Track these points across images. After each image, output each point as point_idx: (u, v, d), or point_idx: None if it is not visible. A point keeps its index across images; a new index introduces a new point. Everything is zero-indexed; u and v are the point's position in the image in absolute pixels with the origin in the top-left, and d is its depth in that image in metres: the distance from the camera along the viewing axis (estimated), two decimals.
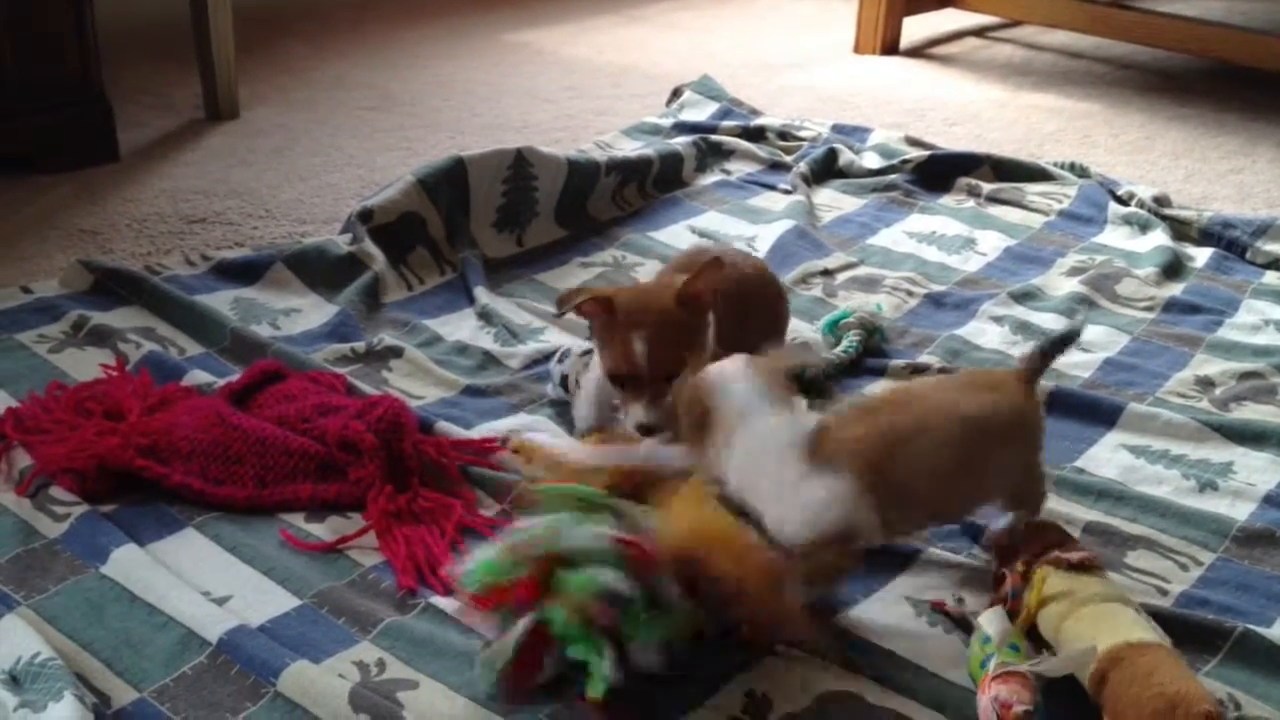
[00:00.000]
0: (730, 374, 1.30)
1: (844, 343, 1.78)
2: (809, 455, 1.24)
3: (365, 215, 2.00)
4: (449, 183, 2.05)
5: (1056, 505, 1.49)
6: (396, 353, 1.75)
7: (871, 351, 1.80)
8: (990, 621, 1.21)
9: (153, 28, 3.07)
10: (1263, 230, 2.18)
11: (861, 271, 2.07)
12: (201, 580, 1.31)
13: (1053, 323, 1.90)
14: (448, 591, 1.29)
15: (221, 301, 1.86)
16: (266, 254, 1.97)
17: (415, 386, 1.69)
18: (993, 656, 1.17)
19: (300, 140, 2.56)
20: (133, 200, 2.22)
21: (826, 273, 2.06)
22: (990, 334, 1.88)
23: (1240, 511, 1.50)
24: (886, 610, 1.32)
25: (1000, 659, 1.16)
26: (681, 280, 1.45)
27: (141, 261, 1.98)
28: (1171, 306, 1.98)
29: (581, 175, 2.20)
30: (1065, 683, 1.16)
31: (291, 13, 3.41)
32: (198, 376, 1.64)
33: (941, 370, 1.75)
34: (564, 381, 1.65)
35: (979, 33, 3.49)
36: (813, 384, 1.69)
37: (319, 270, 1.94)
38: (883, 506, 1.24)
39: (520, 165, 2.11)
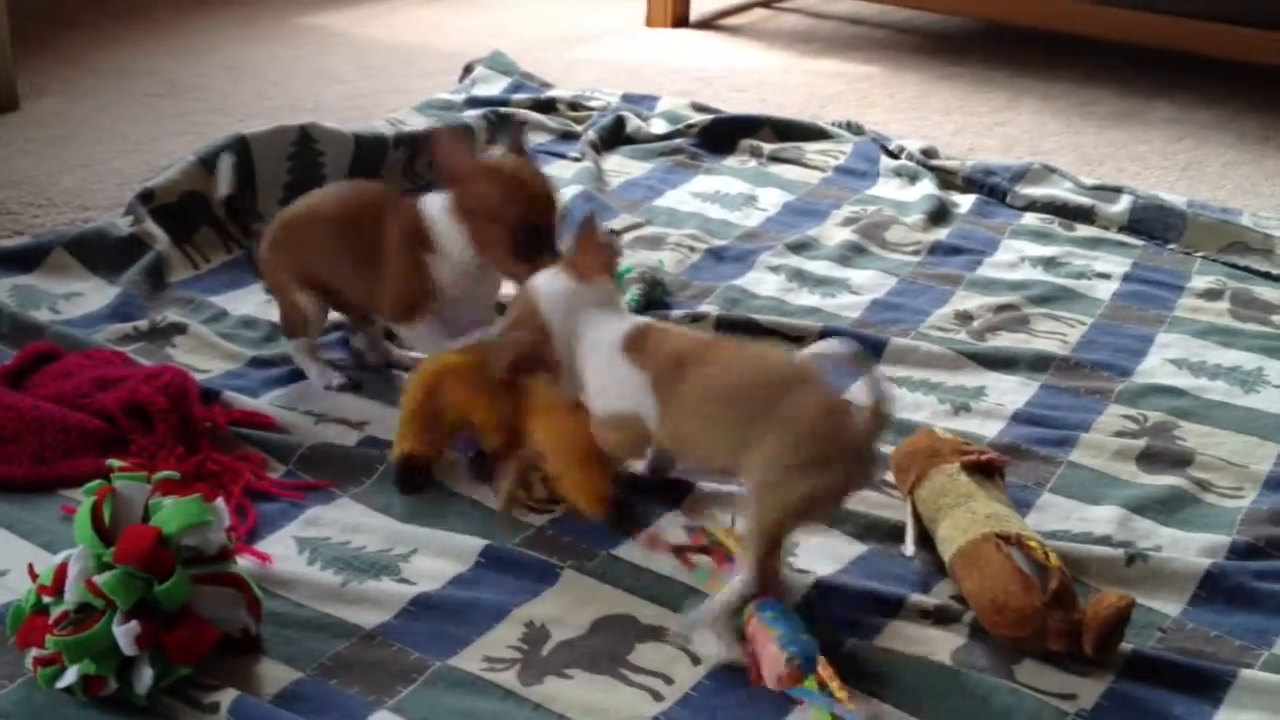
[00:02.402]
0: (554, 295, 1.39)
1: (627, 296, 1.84)
2: (624, 344, 1.35)
3: (146, 196, 1.99)
4: (232, 160, 2.04)
5: None
6: (180, 329, 1.75)
7: (654, 304, 1.86)
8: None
9: None
10: (1020, 175, 2.32)
11: (647, 231, 2.13)
12: None
13: (825, 270, 2.00)
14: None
15: None
16: (46, 240, 1.95)
17: (200, 361, 1.70)
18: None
19: (82, 129, 2.51)
20: None
21: (613, 233, 2.12)
22: (768, 283, 1.97)
23: (990, 429, 1.61)
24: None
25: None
26: None
27: None
28: (936, 249, 2.09)
29: (369, 150, 2.21)
30: None
31: (73, 3, 3.33)
32: None
33: (721, 323, 1.80)
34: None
35: (766, 4, 3.60)
36: None
37: (100, 253, 1.92)
38: (662, 412, 1.32)
39: (305, 141, 2.12)
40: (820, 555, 1.36)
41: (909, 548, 1.37)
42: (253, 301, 1.86)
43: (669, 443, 1.38)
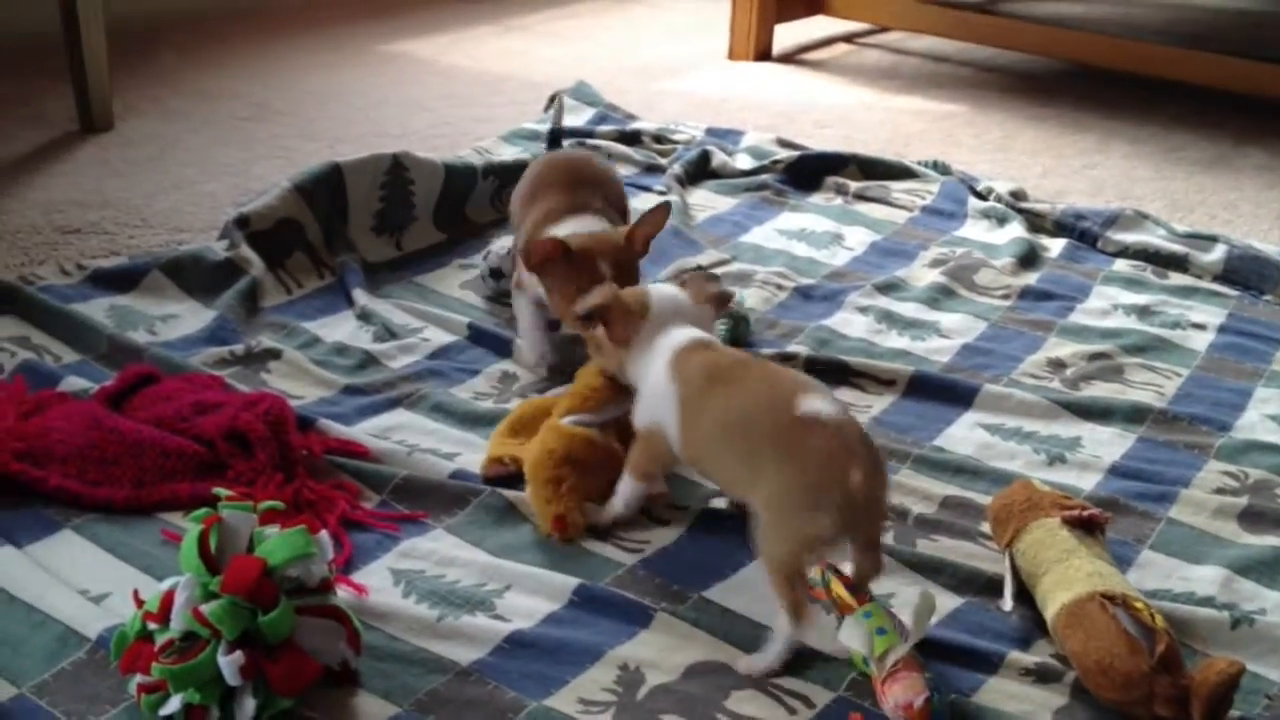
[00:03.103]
0: (664, 292, 1.48)
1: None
2: (673, 355, 1.39)
3: (242, 221, 2.02)
4: (325, 188, 2.07)
5: (916, 482, 1.56)
6: (275, 354, 1.77)
7: (738, 341, 1.86)
8: (851, 636, 1.23)
9: (23, 39, 3.04)
10: (1112, 221, 2.29)
11: (734, 268, 2.13)
12: (80, 579, 1.33)
13: (914, 312, 1.99)
14: None
15: (97, 309, 1.86)
16: (142, 261, 1.98)
17: (294, 387, 1.71)
18: (870, 662, 1.22)
19: (175, 150, 2.55)
20: (5, 213, 2.21)
21: (699, 269, 2.11)
22: (856, 324, 1.96)
23: (1087, 482, 1.58)
24: (754, 585, 1.38)
25: (878, 651, 1.21)
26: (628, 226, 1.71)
27: (15, 273, 1.97)
28: (1026, 294, 2.07)
29: (459, 179, 2.23)
30: None
31: (166, 24, 3.39)
32: (73, 383, 1.64)
33: (811, 364, 1.80)
34: (494, 274, 1.94)
35: (848, 39, 3.59)
36: None
37: (196, 276, 1.94)
38: (682, 430, 1.35)
39: (397, 170, 2.14)
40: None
41: (1007, 603, 1.35)
42: (345, 328, 1.88)
43: (690, 464, 1.39)
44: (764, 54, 3.39)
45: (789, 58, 3.42)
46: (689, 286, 1.49)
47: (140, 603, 1.19)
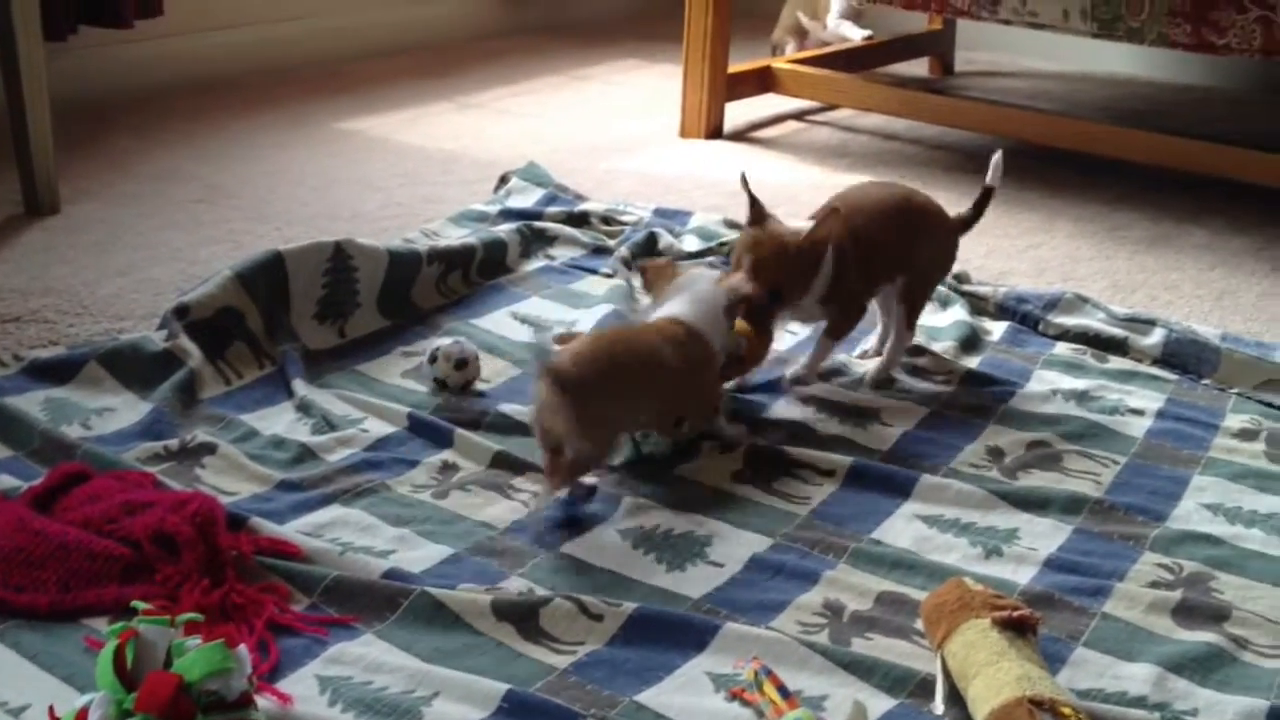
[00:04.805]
0: (703, 275, 1.89)
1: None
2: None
3: (181, 311, 2.01)
4: (267, 276, 2.06)
5: (852, 578, 1.56)
6: (210, 449, 1.76)
7: None
8: None
9: None
10: (1054, 304, 2.31)
11: None
12: (0, 690, 1.30)
13: (856, 398, 2.00)
14: None
15: (32, 403, 1.85)
16: (80, 352, 1.96)
17: (228, 483, 1.70)
18: None
19: (123, 235, 2.55)
20: None
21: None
22: (797, 411, 1.96)
23: (1023, 576, 1.58)
24: (688, 689, 1.37)
25: None
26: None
27: None
28: (968, 379, 2.08)
29: (403, 265, 2.23)
30: None
31: (119, 105, 3.39)
32: (3, 481, 1.62)
33: (750, 453, 1.81)
34: (438, 383, 1.97)
35: (799, 116, 3.63)
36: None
37: (133, 368, 1.93)
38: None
39: (340, 257, 2.14)
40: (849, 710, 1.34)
41: (939, 706, 1.34)
42: (284, 420, 1.87)
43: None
44: (715, 132, 3.42)
45: (740, 135, 3.46)
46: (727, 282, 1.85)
47: (55, 719, 1.17)
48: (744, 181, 1.96)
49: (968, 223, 2.13)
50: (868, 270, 2.00)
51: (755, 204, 1.94)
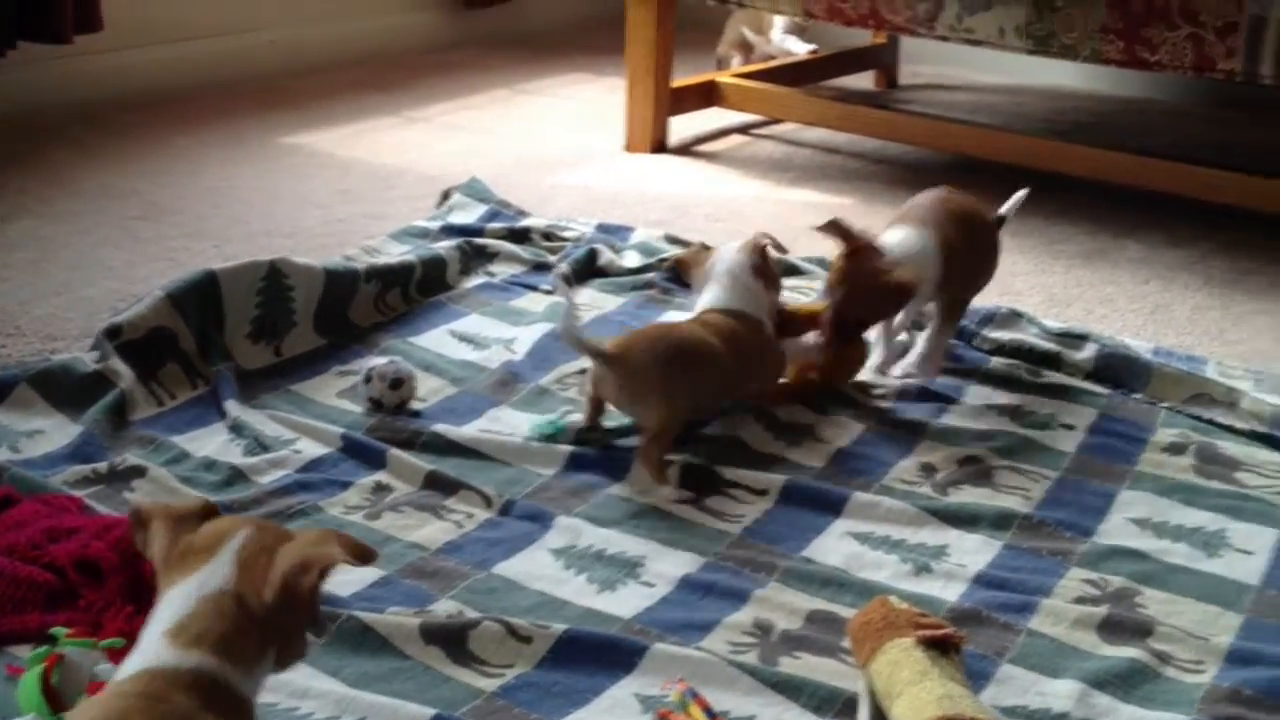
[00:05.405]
0: (727, 248, 2.01)
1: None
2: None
3: (113, 332, 2.00)
4: (199, 296, 2.05)
5: (783, 596, 1.57)
6: (140, 472, 1.75)
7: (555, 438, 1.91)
8: None
9: None
10: (989, 319, 2.33)
11: None
12: None
13: (791, 415, 2.00)
14: None
15: None
16: (10, 374, 1.94)
17: None
18: None
19: (60, 253, 2.53)
20: None
21: (583, 372, 2.12)
22: (735, 426, 1.97)
23: (951, 593, 1.60)
24: (615, 711, 1.37)
25: None
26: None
27: None
28: (903, 395, 2.10)
29: (340, 284, 2.22)
30: None
31: (58, 121, 3.36)
32: None
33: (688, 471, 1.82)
34: (374, 403, 1.97)
35: (743, 130, 3.65)
36: None
37: (64, 389, 1.91)
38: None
39: (274, 276, 2.13)
40: None
41: None
42: (216, 442, 1.86)
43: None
44: (660, 146, 3.43)
45: (685, 149, 3.47)
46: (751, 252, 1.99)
47: None
48: (834, 225, 2.01)
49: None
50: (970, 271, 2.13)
51: (851, 237, 2.00)
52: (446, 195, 2.89)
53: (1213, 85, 3.54)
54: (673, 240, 2.69)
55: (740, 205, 3.05)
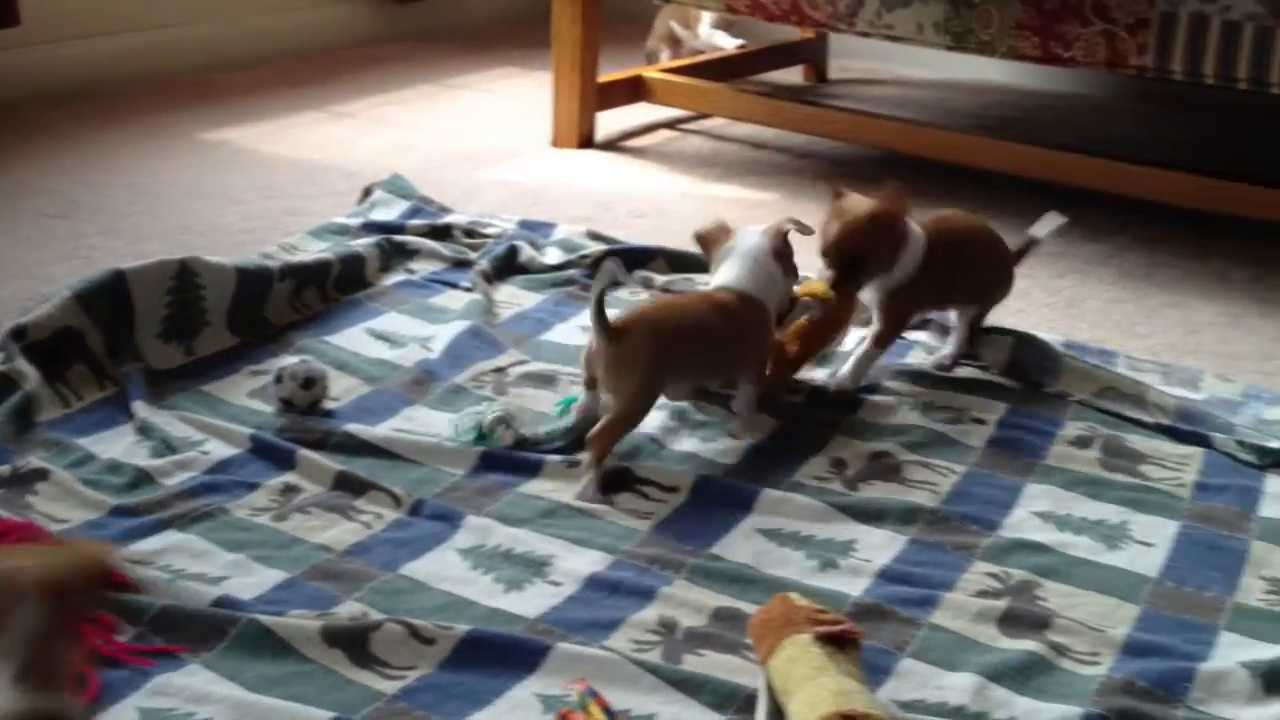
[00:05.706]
0: (749, 230, 2.04)
1: (492, 436, 1.89)
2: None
3: (19, 333, 1.97)
4: (107, 296, 2.03)
5: (688, 594, 1.58)
6: (43, 475, 1.72)
7: (521, 445, 1.88)
8: None
9: None
10: None
11: (534, 367, 2.14)
12: None
13: (707, 412, 2.01)
14: None
15: None
16: None
17: (61, 510, 1.67)
18: None
19: None
20: None
21: (499, 370, 2.12)
22: (649, 422, 1.96)
23: (856, 588, 1.61)
24: (517, 711, 1.37)
25: None
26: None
27: None
28: (817, 391, 2.11)
29: (254, 282, 2.20)
30: None
31: None
32: None
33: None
34: (284, 403, 1.95)
35: (671, 125, 3.65)
36: None
37: None
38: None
39: (185, 275, 2.11)
40: None
41: None
42: (122, 444, 1.84)
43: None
44: (587, 141, 3.42)
45: (612, 144, 3.47)
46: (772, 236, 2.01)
47: None
48: (837, 194, 2.11)
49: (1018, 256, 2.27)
50: (948, 281, 2.13)
51: (841, 193, 2.09)
52: (368, 192, 2.88)
53: (1135, 81, 3.59)
54: (595, 236, 2.69)
55: (665, 201, 3.05)
